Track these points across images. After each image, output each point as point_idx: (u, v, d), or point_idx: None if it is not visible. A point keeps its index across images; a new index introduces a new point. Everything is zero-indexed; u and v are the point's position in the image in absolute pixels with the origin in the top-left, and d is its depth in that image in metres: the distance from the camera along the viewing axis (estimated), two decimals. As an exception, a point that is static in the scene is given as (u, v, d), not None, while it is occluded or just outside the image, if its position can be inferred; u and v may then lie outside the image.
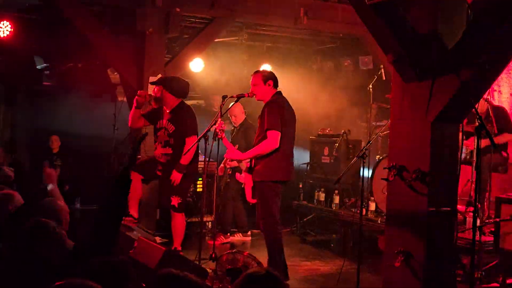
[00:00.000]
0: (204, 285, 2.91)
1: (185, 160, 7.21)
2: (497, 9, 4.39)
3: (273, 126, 6.42)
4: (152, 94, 7.46)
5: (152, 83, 7.58)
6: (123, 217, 7.18)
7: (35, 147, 12.02)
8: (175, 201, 7.32)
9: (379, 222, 8.27)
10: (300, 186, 10.19)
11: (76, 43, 10.12)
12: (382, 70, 9.13)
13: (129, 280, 3.11)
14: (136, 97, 7.38)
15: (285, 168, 6.61)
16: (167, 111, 7.44)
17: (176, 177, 7.22)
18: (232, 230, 9.34)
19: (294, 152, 6.79)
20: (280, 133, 6.43)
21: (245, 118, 9.22)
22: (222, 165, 9.18)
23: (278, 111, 6.50)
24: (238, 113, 9.08)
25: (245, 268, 5.98)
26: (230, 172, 9.13)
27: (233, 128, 9.44)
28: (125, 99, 9.88)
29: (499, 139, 7.90)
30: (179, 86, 7.49)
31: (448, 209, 4.95)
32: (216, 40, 10.33)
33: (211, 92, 11.44)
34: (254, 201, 6.91)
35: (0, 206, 5.15)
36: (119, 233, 4.26)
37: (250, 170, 6.74)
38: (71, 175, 10.84)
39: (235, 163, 8.71)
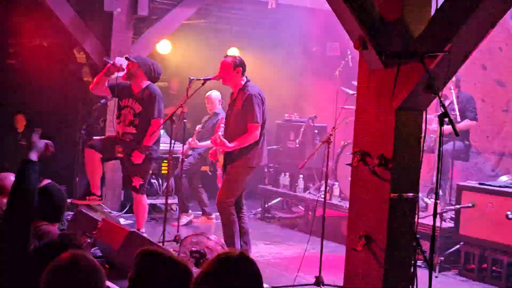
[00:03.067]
0: (183, 263, 2.92)
1: (148, 141, 7.20)
2: (463, 3, 4.45)
3: (256, 119, 6.56)
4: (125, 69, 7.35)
5: (129, 59, 7.45)
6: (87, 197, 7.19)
7: (-1, 126, 11.86)
8: (136, 182, 7.30)
9: (344, 207, 8.36)
10: (265, 170, 10.23)
11: (42, 21, 9.99)
12: (349, 56, 9.20)
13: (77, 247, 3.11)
14: (110, 64, 7.26)
15: (259, 154, 6.74)
16: (135, 90, 7.39)
17: (138, 157, 7.19)
18: (196, 213, 9.36)
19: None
20: (260, 125, 6.58)
21: (220, 106, 9.21)
22: (185, 147, 9.18)
23: (261, 104, 6.64)
24: (213, 100, 9.09)
25: (209, 250, 6.02)
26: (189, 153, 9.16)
27: (205, 117, 9.43)
28: (90, 78, 9.80)
29: (461, 127, 8.04)
30: (153, 70, 7.45)
31: (410, 195, 5.01)
32: (184, 22, 10.28)
33: (177, 74, 11.40)
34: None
35: None
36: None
37: (226, 156, 6.76)
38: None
39: (196, 144, 8.76)
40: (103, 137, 8.20)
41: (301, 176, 9.54)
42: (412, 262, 5.22)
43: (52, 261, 2.63)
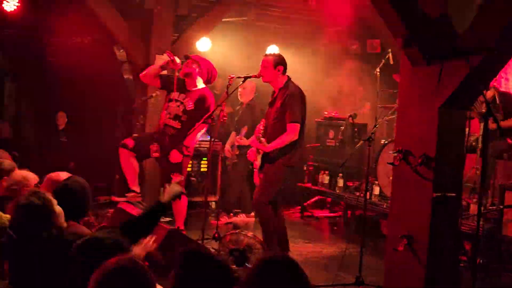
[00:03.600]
0: (224, 262, 2.91)
1: (188, 142, 7.21)
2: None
3: (295, 119, 6.50)
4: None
5: (188, 57, 7.44)
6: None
7: (41, 123, 12.02)
8: (176, 178, 7.29)
9: (384, 206, 8.27)
10: (305, 168, 10.19)
11: (82, 19, 10.08)
12: (390, 54, 9.09)
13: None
14: (170, 60, 7.24)
15: (298, 154, 6.68)
16: (190, 88, 7.37)
17: (177, 157, 7.20)
18: (235, 210, 9.35)
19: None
20: (300, 125, 6.52)
21: (253, 97, 9.20)
22: (228, 146, 9.18)
23: (301, 103, 6.58)
24: (248, 89, 9.03)
25: (249, 248, 6.00)
26: (238, 152, 9.11)
27: (238, 107, 9.43)
28: (131, 76, 9.87)
29: (505, 125, 7.89)
30: (210, 72, 7.48)
31: (453, 194, 4.94)
32: (224, 19, 10.29)
33: (217, 72, 11.41)
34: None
35: None
36: None
37: (264, 156, 6.72)
38: (77, 152, 10.86)
39: (245, 142, 8.72)
40: (139, 135, 8.23)
41: (341, 174, 9.47)
42: (455, 263, 5.15)
43: (100, 266, 2.63)
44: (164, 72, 7.51)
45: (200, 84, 7.43)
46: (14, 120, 12.56)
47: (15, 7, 9.74)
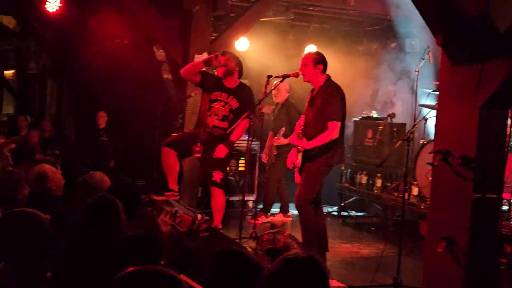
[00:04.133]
0: (259, 263, 2.90)
1: (235, 137, 7.21)
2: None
3: (335, 117, 6.45)
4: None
5: (225, 53, 7.45)
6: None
7: (82, 122, 12.18)
8: (217, 176, 7.30)
9: (422, 207, 8.20)
10: (343, 168, 10.14)
11: (123, 20, 10.20)
12: (430, 53, 9.00)
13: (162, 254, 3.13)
14: (214, 56, 7.26)
15: (339, 153, 6.67)
16: (229, 86, 7.36)
17: (223, 151, 7.20)
18: (273, 210, 9.36)
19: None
20: (340, 123, 6.48)
21: (288, 97, 9.21)
22: (265, 152, 9.20)
23: (341, 101, 6.54)
24: (282, 89, 9.03)
25: (286, 248, 6.00)
26: (276, 153, 9.11)
27: (274, 107, 9.43)
28: (170, 76, 9.93)
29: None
30: (242, 68, 7.48)
31: (494, 196, 4.88)
32: (262, 19, 10.30)
33: (255, 72, 11.43)
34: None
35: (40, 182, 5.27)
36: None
37: (305, 155, 6.69)
38: (117, 151, 10.98)
39: (283, 141, 8.72)
40: (180, 134, 8.27)
41: (379, 174, 9.41)
42: (495, 265, 5.08)
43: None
44: (204, 69, 7.50)
45: (237, 81, 7.43)
46: (56, 119, 12.77)
47: (57, 8, 9.91)
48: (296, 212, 6.98)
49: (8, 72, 17.69)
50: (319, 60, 6.60)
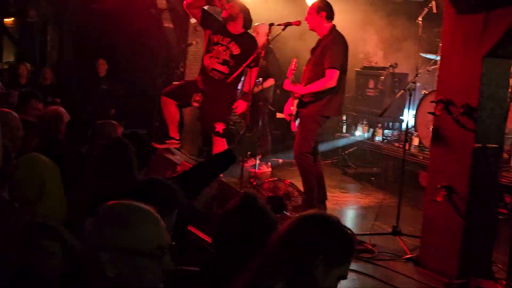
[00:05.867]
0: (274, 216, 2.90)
1: (248, 88, 7.12)
2: None
3: (335, 64, 6.32)
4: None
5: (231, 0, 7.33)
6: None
7: (82, 70, 12.11)
8: (219, 127, 7.27)
9: (421, 157, 8.22)
10: (343, 118, 10.12)
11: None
12: (433, 2, 8.90)
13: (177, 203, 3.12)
14: None
15: (335, 103, 6.53)
16: (232, 32, 7.24)
17: (242, 106, 7.15)
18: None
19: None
20: (339, 72, 6.35)
21: (267, 42, 9.02)
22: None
23: (343, 49, 6.43)
24: (261, 33, 8.77)
25: (286, 196, 6.03)
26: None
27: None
28: (171, 24, 9.84)
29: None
30: (248, 19, 7.35)
31: (495, 146, 4.88)
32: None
33: (257, 20, 11.29)
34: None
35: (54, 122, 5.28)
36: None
37: (300, 103, 6.63)
38: (117, 99, 10.95)
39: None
40: (181, 83, 8.21)
41: (380, 125, 9.40)
42: (494, 214, 5.11)
43: None
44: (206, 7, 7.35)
45: (241, 29, 7.32)
46: (57, 67, 12.69)
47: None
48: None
49: (8, 20, 17.53)
50: (322, 7, 6.50)
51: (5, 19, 17.07)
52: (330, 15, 6.52)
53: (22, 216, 3.02)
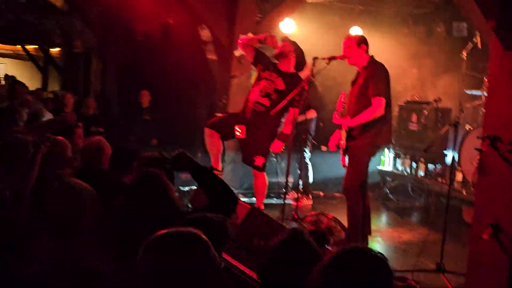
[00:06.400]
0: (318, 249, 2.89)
1: (287, 129, 7.13)
2: None
3: (380, 92, 6.24)
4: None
5: (286, 39, 7.44)
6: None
7: (125, 101, 12.29)
8: (259, 161, 7.29)
9: (465, 193, 8.11)
10: (386, 152, 10.06)
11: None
12: (478, 37, 8.85)
13: (227, 237, 3.13)
14: (269, 35, 7.29)
15: (385, 132, 6.44)
16: (282, 70, 7.31)
17: (278, 147, 7.21)
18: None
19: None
20: (385, 100, 6.27)
21: (312, 75, 9.06)
22: None
23: (385, 77, 6.35)
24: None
25: (329, 231, 6.00)
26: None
27: None
28: (214, 56, 9.95)
29: None
30: (301, 61, 7.43)
31: (543, 183, 4.80)
32: (308, 1, 10.24)
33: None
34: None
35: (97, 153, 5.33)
36: None
37: (348, 136, 6.58)
38: (159, 130, 11.06)
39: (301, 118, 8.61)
40: (224, 115, 8.27)
41: (422, 159, 9.32)
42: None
43: None
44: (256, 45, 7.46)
45: (292, 68, 7.39)
46: (100, 97, 12.90)
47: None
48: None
49: (54, 50, 17.95)
50: (362, 40, 6.51)
51: (51, 49, 17.51)
52: (368, 47, 6.51)
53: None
